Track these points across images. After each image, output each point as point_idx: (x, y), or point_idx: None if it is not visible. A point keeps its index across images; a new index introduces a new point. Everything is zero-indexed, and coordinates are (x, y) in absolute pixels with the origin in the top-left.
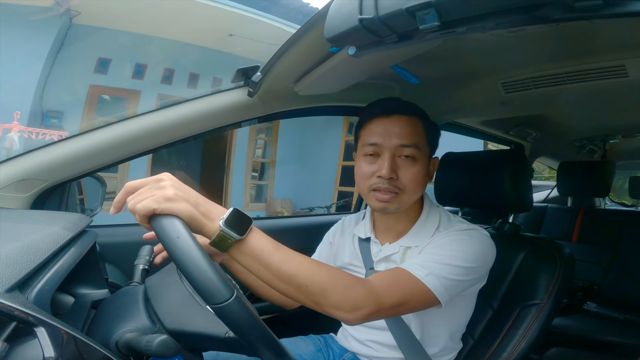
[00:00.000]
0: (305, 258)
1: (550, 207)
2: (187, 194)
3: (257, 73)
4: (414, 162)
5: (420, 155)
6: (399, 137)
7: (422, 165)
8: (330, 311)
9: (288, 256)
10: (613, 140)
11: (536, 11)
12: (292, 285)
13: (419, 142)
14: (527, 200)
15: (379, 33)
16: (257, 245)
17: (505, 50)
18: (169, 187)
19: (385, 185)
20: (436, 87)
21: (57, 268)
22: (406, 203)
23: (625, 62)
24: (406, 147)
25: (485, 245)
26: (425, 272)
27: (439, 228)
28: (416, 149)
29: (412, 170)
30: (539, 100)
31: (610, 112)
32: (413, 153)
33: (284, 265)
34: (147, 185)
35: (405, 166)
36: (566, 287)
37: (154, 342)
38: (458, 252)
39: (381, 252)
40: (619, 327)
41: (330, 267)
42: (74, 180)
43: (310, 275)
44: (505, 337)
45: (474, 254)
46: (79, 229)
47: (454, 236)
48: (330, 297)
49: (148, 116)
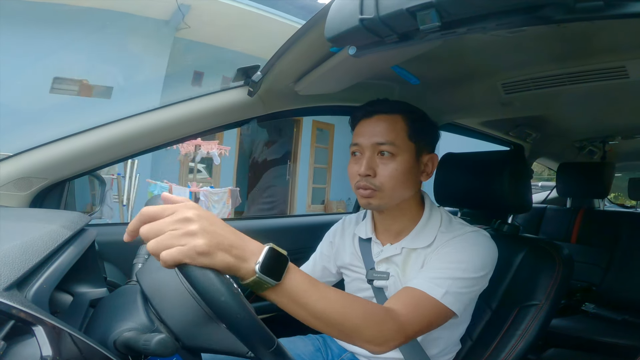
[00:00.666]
0: (340, 295)
1: (549, 208)
2: (219, 239)
3: (258, 72)
4: (391, 159)
5: (400, 152)
6: (376, 135)
7: (402, 162)
8: (361, 345)
9: (323, 295)
10: (613, 141)
11: (537, 12)
12: (326, 324)
13: (395, 139)
14: (527, 201)
15: (380, 33)
16: (292, 288)
17: (505, 50)
18: (199, 234)
19: (363, 182)
20: (436, 88)
21: (55, 267)
22: (389, 199)
23: (625, 63)
24: (382, 144)
25: (490, 249)
26: (442, 291)
27: (440, 230)
28: (392, 145)
29: (389, 167)
30: (539, 101)
31: (611, 114)
32: (390, 149)
33: (319, 305)
34: (170, 220)
35: (383, 163)
36: (565, 288)
37: (152, 341)
38: (467, 263)
39: (382, 253)
40: (617, 328)
41: (362, 302)
42: (73, 178)
43: (344, 314)
44: (504, 338)
45: (481, 262)
46: (77, 228)
47: (459, 243)
48: (363, 334)
49: (148, 115)
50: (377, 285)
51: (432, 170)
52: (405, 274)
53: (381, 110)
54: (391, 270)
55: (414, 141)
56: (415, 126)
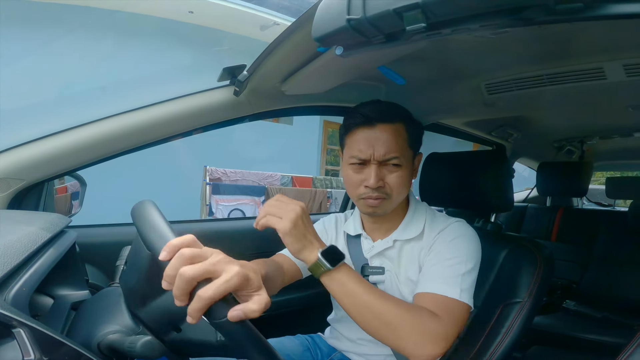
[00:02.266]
0: (388, 295)
1: (530, 206)
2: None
3: (244, 72)
4: (399, 168)
5: (405, 161)
6: (383, 148)
7: (407, 168)
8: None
9: (371, 289)
10: (590, 141)
11: (519, 13)
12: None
13: (402, 150)
14: (509, 200)
15: (367, 33)
16: (344, 276)
17: (488, 52)
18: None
19: (375, 194)
20: (422, 88)
21: (35, 269)
22: (394, 205)
23: (603, 65)
24: (391, 159)
25: (475, 237)
26: (458, 290)
27: (427, 221)
28: (399, 157)
29: (398, 175)
30: (520, 101)
31: (588, 114)
32: (398, 162)
33: (366, 295)
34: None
35: (391, 172)
36: (546, 285)
37: (137, 343)
38: (463, 256)
39: (374, 248)
40: (598, 326)
41: (409, 303)
42: (52, 179)
43: (388, 306)
44: (489, 335)
45: (472, 251)
46: (57, 229)
47: (449, 237)
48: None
49: (131, 114)
50: (372, 281)
51: (418, 166)
52: (400, 267)
53: (384, 118)
54: (386, 265)
55: (412, 148)
56: (413, 132)
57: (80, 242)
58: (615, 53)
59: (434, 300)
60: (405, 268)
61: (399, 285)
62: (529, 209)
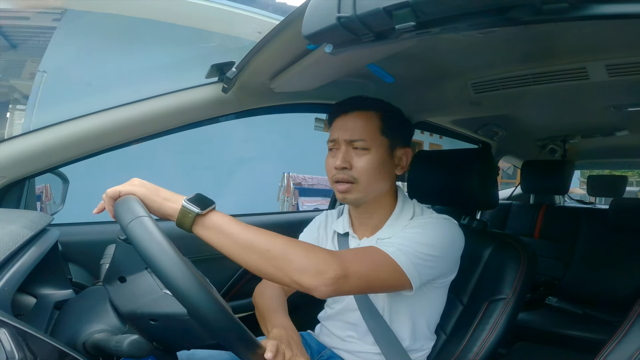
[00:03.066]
0: (266, 230)
1: (514, 204)
2: (151, 185)
3: (232, 69)
4: (366, 153)
5: (374, 147)
6: (351, 130)
7: (376, 155)
8: (294, 276)
9: (248, 227)
10: (573, 140)
11: (506, 13)
12: (254, 252)
13: (369, 135)
14: (493, 198)
15: (357, 31)
16: (218, 219)
17: (475, 51)
18: (136, 180)
19: (341, 174)
20: (410, 86)
21: (16, 268)
22: (365, 193)
23: (586, 65)
24: (356, 140)
25: (453, 232)
26: (393, 248)
27: (412, 219)
28: (366, 141)
29: (365, 160)
30: (505, 100)
31: (571, 113)
32: (364, 145)
33: (245, 233)
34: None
35: (358, 156)
36: (530, 282)
37: (124, 342)
38: (427, 234)
39: (359, 246)
40: (579, 322)
41: (289, 238)
42: (33, 176)
43: (270, 240)
44: (475, 332)
45: (442, 239)
46: (39, 228)
47: (423, 224)
48: (293, 260)
49: (116, 110)
50: None
51: (406, 163)
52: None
53: (357, 107)
54: None
55: (387, 136)
56: (388, 122)
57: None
58: (598, 53)
59: (361, 248)
60: None
61: None
62: (513, 207)
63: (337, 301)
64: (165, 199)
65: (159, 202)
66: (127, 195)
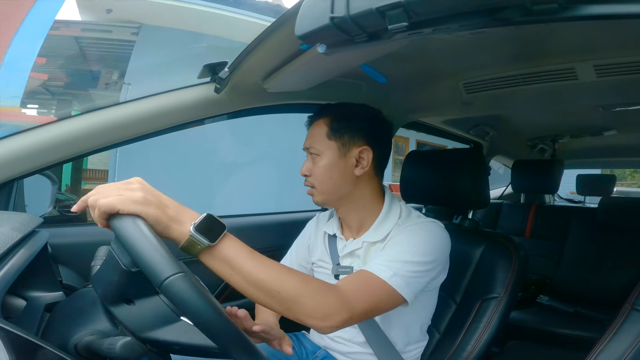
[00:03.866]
0: (278, 265)
1: (505, 203)
2: (156, 198)
3: (225, 69)
4: (319, 159)
5: (322, 151)
6: (307, 139)
7: (325, 160)
8: (303, 319)
9: (260, 262)
10: (562, 140)
11: (497, 14)
12: (264, 292)
13: (317, 141)
14: (485, 197)
15: (350, 32)
16: (228, 252)
17: (467, 52)
18: (138, 190)
19: (305, 181)
20: (402, 87)
21: (5, 270)
22: (325, 195)
23: (575, 66)
24: (308, 148)
25: (439, 236)
26: (390, 273)
27: (397, 223)
28: (315, 147)
29: (318, 166)
30: (496, 100)
31: (560, 113)
32: (315, 151)
33: (257, 272)
34: (115, 185)
35: (314, 163)
36: (521, 281)
37: (116, 344)
38: (416, 247)
39: (346, 248)
40: (571, 320)
41: (303, 275)
42: (22, 178)
43: (282, 282)
44: (469, 331)
45: (429, 248)
46: (28, 230)
47: (410, 231)
48: (303, 304)
49: (106, 111)
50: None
51: (368, 162)
52: (365, 266)
53: (314, 117)
54: (354, 264)
55: (334, 140)
56: (335, 125)
57: (52, 242)
58: (586, 54)
59: (357, 275)
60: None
61: None
62: (504, 206)
63: None
64: (171, 219)
65: (164, 223)
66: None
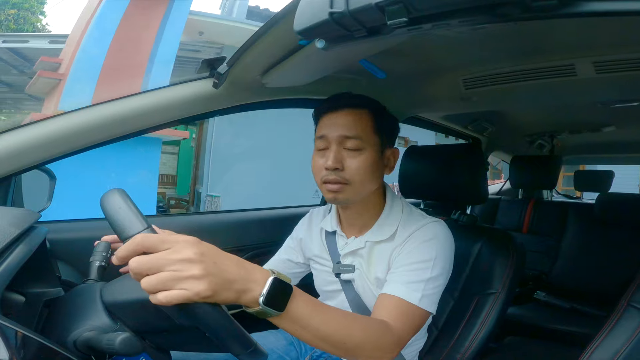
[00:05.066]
0: (342, 315)
1: (503, 199)
2: (222, 279)
3: (223, 64)
4: (359, 153)
5: (366, 146)
6: (343, 128)
7: (369, 156)
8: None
9: (326, 318)
10: (560, 135)
11: (497, 10)
12: (330, 344)
13: (362, 133)
14: (483, 193)
15: (349, 27)
16: (296, 314)
17: (466, 47)
18: (203, 279)
19: (333, 176)
20: (401, 82)
21: (4, 266)
22: (356, 194)
23: (574, 62)
24: (349, 138)
25: (448, 239)
26: (418, 295)
27: (401, 222)
28: (359, 140)
29: (358, 161)
30: (495, 96)
31: (559, 109)
32: (357, 144)
33: (324, 328)
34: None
35: (351, 157)
36: (518, 276)
37: (116, 340)
38: (433, 260)
39: (347, 246)
40: (567, 316)
41: (362, 320)
42: (20, 173)
43: (347, 334)
44: (466, 326)
45: (443, 254)
46: (26, 225)
47: (421, 238)
48: (365, 350)
49: (104, 105)
50: (344, 279)
51: (393, 164)
52: (370, 267)
53: (347, 104)
54: (356, 263)
55: (378, 136)
56: (379, 121)
57: (51, 238)
58: (586, 50)
59: (393, 305)
60: (374, 268)
61: (369, 284)
62: (502, 202)
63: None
64: (242, 292)
65: (232, 298)
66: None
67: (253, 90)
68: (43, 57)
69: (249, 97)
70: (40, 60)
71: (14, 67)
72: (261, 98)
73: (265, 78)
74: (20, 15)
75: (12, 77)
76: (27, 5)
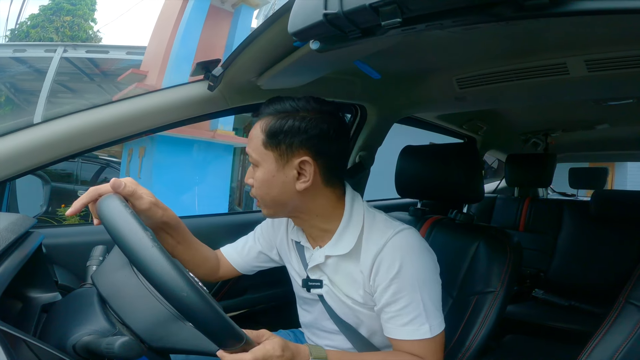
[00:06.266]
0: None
1: (499, 197)
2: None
3: (218, 67)
4: (257, 169)
5: (261, 162)
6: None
7: (265, 172)
8: None
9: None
10: (554, 134)
11: (490, 9)
12: None
13: (253, 150)
14: (479, 191)
15: (343, 28)
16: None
17: (460, 47)
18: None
19: (250, 191)
20: (396, 82)
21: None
22: (272, 208)
23: (566, 61)
24: (248, 155)
25: (423, 245)
26: (427, 327)
27: (364, 234)
28: (252, 156)
29: (256, 177)
30: (489, 95)
31: (553, 108)
32: (252, 160)
33: None
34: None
35: (255, 171)
36: (516, 275)
37: (115, 344)
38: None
39: (312, 259)
40: (565, 314)
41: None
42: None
43: None
44: (466, 326)
45: (426, 265)
46: (22, 231)
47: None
48: None
49: (99, 109)
50: (315, 292)
51: (311, 175)
52: (337, 285)
53: (259, 114)
54: (324, 279)
55: (271, 149)
56: (271, 132)
57: (47, 243)
58: (578, 49)
59: (413, 347)
60: (344, 287)
61: (340, 298)
62: (498, 200)
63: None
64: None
65: None
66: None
67: (248, 92)
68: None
69: (244, 99)
70: (131, 72)
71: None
72: (256, 100)
73: (260, 80)
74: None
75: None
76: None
